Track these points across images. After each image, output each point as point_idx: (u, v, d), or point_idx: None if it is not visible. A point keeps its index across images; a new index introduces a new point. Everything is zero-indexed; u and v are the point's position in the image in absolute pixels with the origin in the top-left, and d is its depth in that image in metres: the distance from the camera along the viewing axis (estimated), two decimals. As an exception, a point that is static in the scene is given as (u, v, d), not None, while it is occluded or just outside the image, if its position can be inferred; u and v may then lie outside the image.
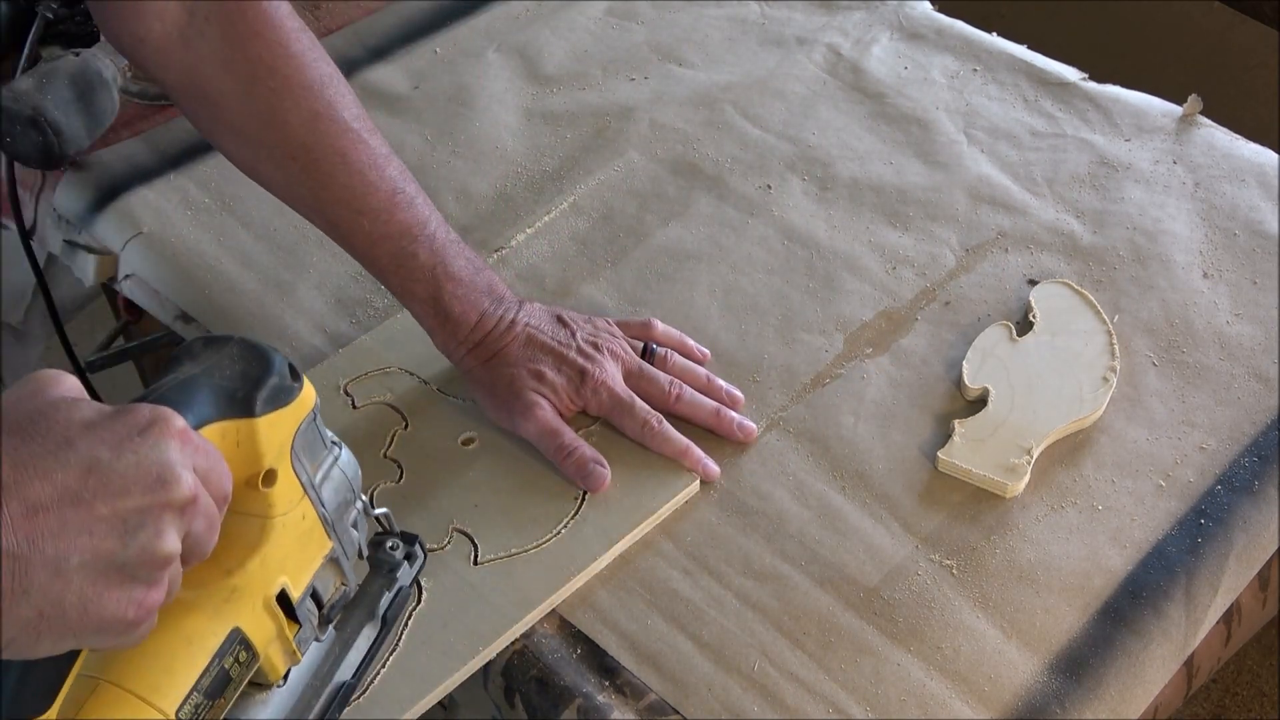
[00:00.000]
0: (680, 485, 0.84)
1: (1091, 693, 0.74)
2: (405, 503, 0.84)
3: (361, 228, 0.85)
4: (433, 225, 0.86)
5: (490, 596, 0.79)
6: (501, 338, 0.87)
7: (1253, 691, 1.62)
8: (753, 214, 1.04)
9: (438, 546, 0.81)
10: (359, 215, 0.84)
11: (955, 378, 0.91)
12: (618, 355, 0.88)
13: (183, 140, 1.13)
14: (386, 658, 0.76)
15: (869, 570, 0.80)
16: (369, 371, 0.92)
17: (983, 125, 1.11)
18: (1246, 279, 0.97)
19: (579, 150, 1.11)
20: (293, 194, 0.86)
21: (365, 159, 0.84)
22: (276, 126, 0.82)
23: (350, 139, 0.83)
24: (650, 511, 0.83)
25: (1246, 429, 0.87)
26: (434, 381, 0.91)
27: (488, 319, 0.87)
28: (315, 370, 0.92)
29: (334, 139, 0.83)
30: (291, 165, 0.84)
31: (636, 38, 1.23)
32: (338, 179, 0.83)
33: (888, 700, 0.74)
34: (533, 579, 0.80)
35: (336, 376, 0.92)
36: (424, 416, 0.89)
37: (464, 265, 0.87)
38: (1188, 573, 0.80)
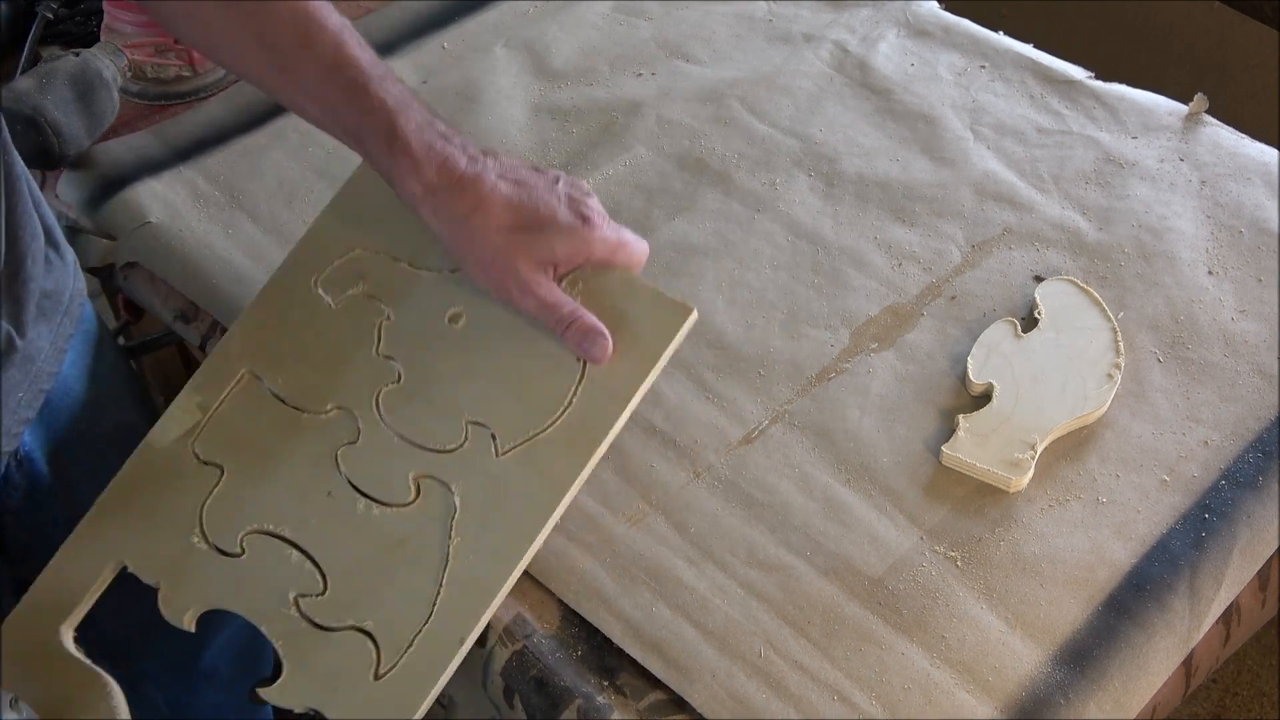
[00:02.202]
0: (678, 321, 0.81)
1: (1095, 684, 0.75)
2: (412, 404, 0.82)
3: (307, 66, 0.79)
4: (383, 66, 0.80)
5: (522, 487, 0.78)
6: (475, 181, 0.79)
7: (1253, 691, 1.62)
8: (759, 209, 1.05)
9: (456, 445, 0.80)
10: (305, 50, 0.79)
11: (960, 373, 0.91)
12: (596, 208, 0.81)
13: (192, 133, 1.13)
14: (441, 578, 0.76)
15: (873, 561, 0.80)
16: (336, 262, 0.87)
17: (989, 122, 1.12)
18: (1251, 276, 0.97)
19: (586, 145, 1.11)
20: (236, 38, 0.81)
21: (313, 7, 0.79)
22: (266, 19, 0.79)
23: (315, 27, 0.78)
24: (655, 357, 0.80)
25: (1251, 425, 0.87)
26: (404, 257, 0.86)
27: (456, 154, 0.79)
28: (279, 273, 0.88)
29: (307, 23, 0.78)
30: (238, 19, 0.79)
31: (644, 34, 1.24)
32: (283, 23, 0.79)
33: (892, 689, 0.74)
34: (557, 459, 0.78)
35: (308, 275, 0.87)
36: (405, 301, 0.85)
37: (423, 112, 0.80)
38: (1191, 566, 0.80)
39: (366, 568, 0.77)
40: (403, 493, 0.79)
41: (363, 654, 0.75)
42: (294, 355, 0.85)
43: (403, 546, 0.78)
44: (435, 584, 0.76)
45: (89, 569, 0.80)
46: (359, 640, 0.75)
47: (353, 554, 0.78)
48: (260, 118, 1.15)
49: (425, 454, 0.80)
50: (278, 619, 0.76)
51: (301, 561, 0.78)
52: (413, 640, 0.74)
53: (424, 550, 0.77)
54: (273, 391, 0.84)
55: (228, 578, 0.78)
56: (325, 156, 1.11)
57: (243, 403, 0.84)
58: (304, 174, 1.10)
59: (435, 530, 0.78)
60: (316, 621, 0.76)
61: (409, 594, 0.76)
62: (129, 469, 0.83)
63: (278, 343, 0.86)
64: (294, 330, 0.86)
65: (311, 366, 0.84)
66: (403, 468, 0.80)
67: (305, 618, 0.76)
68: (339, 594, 0.77)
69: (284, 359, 0.85)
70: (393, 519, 0.79)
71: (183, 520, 0.80)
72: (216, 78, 1.20)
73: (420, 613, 0.75)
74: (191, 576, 0.79)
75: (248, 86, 1.19)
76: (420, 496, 0.79)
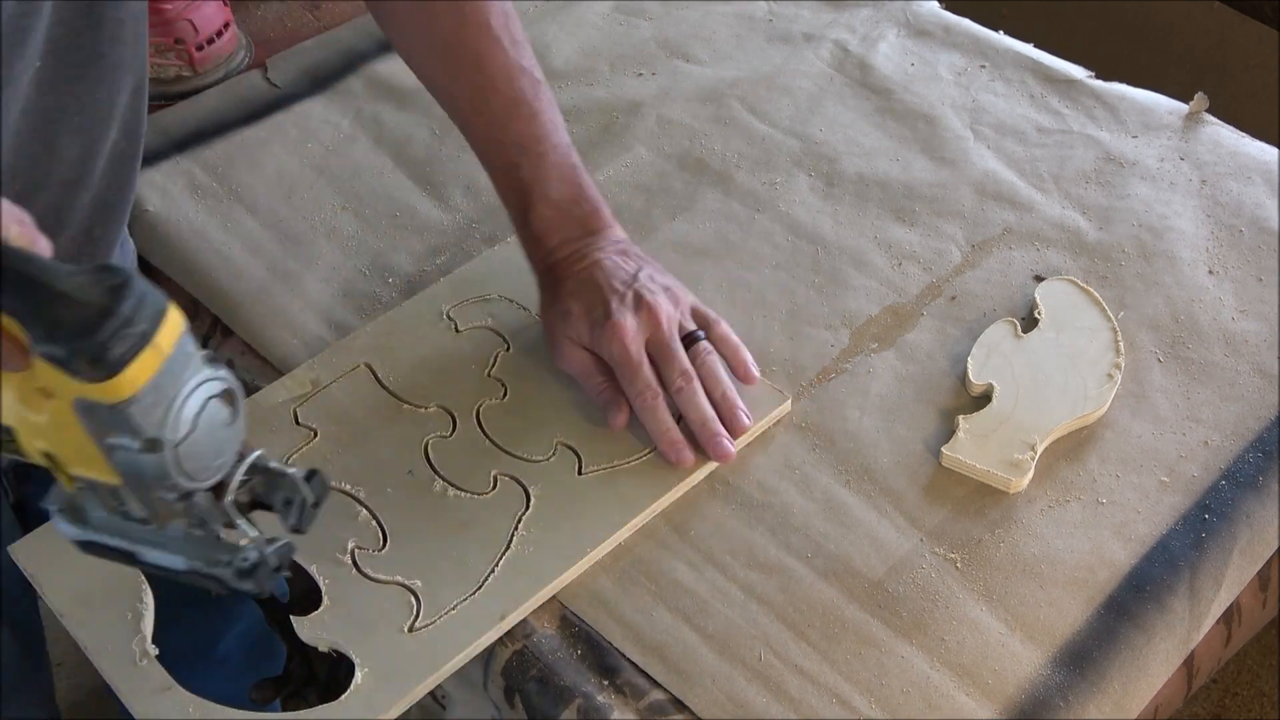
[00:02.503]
0: (772, 404, 0.88)
1: (1095, 686, 0.74)
2: (510, 418, 0.88)
3: (479, 129, 0.90)
4: (546, 146, 0.88)
5: (595, 502, 0.83)
6: (569, 266, 0.88)
7: (1253, 691, 1.62)
8: (759, 209, 1.05)
9: (543, 458, 0.85)
10: (479, 115, 0.89)
11: (960, 373, 0.91)
12: (655, 317, 0.85)
13: (189, 124, 1.13)
14: (498, 559, 0.80)
15: (873, 563, 0.80)
16: (470, 298, 0.95)
17: (989, 121, 1.12)
18: (1251, 275, 0.97)
19: (586, 145, 1.11)
20: (434, 84, 0.92)
21: (498, 65, 0.88)
22: (426, 16, 0.88)
23: (488, 42, 0.87)
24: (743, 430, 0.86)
25: (1251, 424, 0.87)
26: (534, 309, 0.93)
27: (565, 247, 0.88)
28: (420, 296, 0.96)
29: (473, 39, 0.87)
30: (432, 54, 0.90)
31: (644, 34, 1.23)
32: (469, 76, 0.88)
33: (891, 692, 0.74)
34: (635, 488, 0.84)
35: (439, 303, 0.96)
36: (524, 339, 0.93)
37: (566, 193, 0.89)
38: (1191, 567, 0.80)
39: (428, 537, 0.81)
40: (482, 484, 0.84)
41: (402, 607, 0.77)
42: (411, 362, 0.92)
43: (468, 528, 0.81)
44: (490, 564, 0.79)
45: None
46: (402, 594, 0.78)
47: (418, 523, 0.82)
48: (259, 111, 1.15)
49: (511, 458, 0.86)
50: (329, 562, 0.79)
51: (368, 520, 0.82)
52: (455, 605, 0.77)
53: (488, 534, 0.81)
54: (382, 382, 0.90)
55: None
56: (324, 153, 1.11)
57: (353, 386, 0.90)
58: (303, 169, 1.10)
59: (504, 521, 0.82)
60: (366, 572, 0.79)
61: (463, 566, 0.79)
62: None
63: (399, 348, 0.93)
64: (418, 343, 0.93)
65: (424, 373, 0.91)
66: (487, 465, 0.85)
67: (356, 566, 0.79)
68: (395, 553, 0.80)
69: (401, 362, 0.92)
70: (466, 503, 0.83)
71: None
72: (216, 78, 1.20)
73: (469, 584, 0.78)
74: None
75: (246, 79, 1.19)
76: (497, 489, 0.84)
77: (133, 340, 0.57)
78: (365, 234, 1.04)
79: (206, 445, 0.64)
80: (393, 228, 1.05)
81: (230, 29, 1.21)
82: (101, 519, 0.69)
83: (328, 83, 1.19)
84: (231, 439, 0.65)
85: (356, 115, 1.15)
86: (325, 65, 1.20)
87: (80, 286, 0.57)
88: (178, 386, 0.61)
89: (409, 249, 1.03)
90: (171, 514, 0.67)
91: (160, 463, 0.61)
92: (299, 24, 1.29)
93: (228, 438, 0.65)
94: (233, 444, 0.66)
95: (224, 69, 1.20)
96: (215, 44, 1.19)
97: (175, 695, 0.74)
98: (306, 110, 1.16)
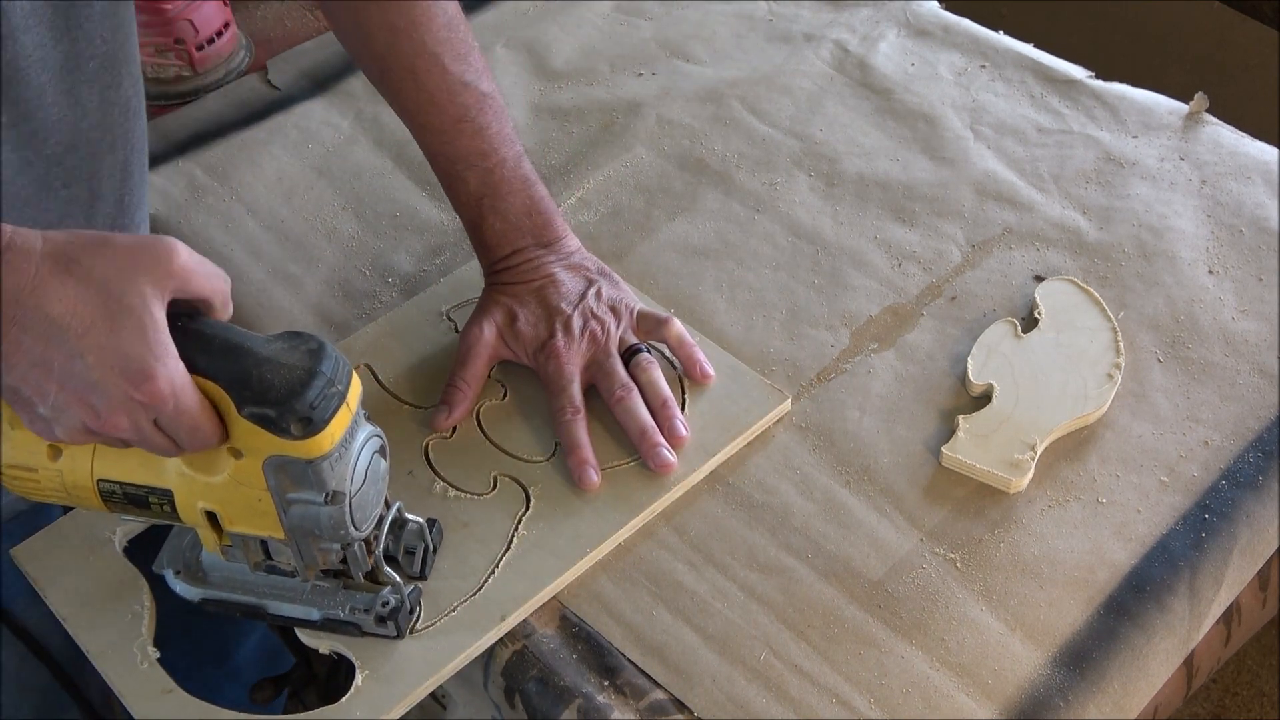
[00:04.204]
0: (771, 404, 0.88)
1: (1094, 686, 0.74)
2: (510, 419, 0.88)
3: (424, 142, 0.91)
4: (493, 160, 0.89)
5: (595, 503, 0.83)
6: (523, 275, 0.89)
7: (1253, 691, 1.62)
8: (759, 209, 1.05)
9: (543, 458, 0.86)
10: (423, 130, 0.90)
11: (960, 373, 0.91)
12: (595, 340, 0.88)
13: (190, 126, 1.13)
14: (499, 559, 0.80)
15: (873, 563, 0.80)
16: (469, 299, 0.95)
17: (989, 121, 1.12)
18: (1251, 275, 0.97)
19: (586, 145, 1.11)
20: (381, 93, 0.92)
21: (436, 82, 0.88)
22: (361, 32, 0.89)
23: (425, 60, 0.87)
24: (744, 428, 0.87)
25: (1251, 424, 0.87)
26: None
27: (517, 256, 0.90)
28: (419, 297, 0.97)
29: (408, 57, 0.87)
30: (371, 69, 0.91)
31: (644, 34, 1.23)
32: (407, 93, 0.88)
33: (891, 693, 0.74)
34: (635, 488, 0.84)
35: (439, 303, 0.96)
36: None
37: (516, 205, 0.89)
38: (1191, 567, 0.80)
39: None
40: (482, 484, 0.84)
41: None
42: (411, 362, 0.92)
43: (468, 528, 0.81)
44: (491, 564, 0.79)
45: None
46: None
47: None
48: (259, 113, 1.15)
49: (511, 459, 0.86)
50: None
51: None
52: (456, 606, 0.77)
53: (488, 535, 0.81)
54: (381, 382, 0.90)
55: None
56: (325, 154, 1.11)
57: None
58: (303, 171, 1.10)
59: (503, 521, 0.82)
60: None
61: (463, 568, 0.79)
62: None
63: (399, 349, 0.93)
64: (417, 344, 0.93)
65: (424, 372, 0.91)
66: (488, 465, 0.85)
67: None
68: None
69: (400, 362, 0.92)
70: (466, 504, 0.83)
71: None
72: (216, 78, 1.20)
73: (469, 584, 0.78)
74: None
75: (246, 82, 1.19)
76: (497, 489, 0.84)
77: (335, 400, 0.62)
78: (365, 234, 1.04)
79: (371, 497, 0.69)
80: (393, 228, 1.05)
81: (230, 29, 1.21)
82: (221, 577, 0.73)
83: (328, 84, 1.19)
84: (384, 490, 0.70)
85: (357, 116, 1.15)
86: (325, 67, 1.20)
87: (281, 351, 0.62)
88: (354, 442, 0.65)
89: (409, 249, 1.03)
90: (326, 565, 0.71)
91: (339, 515, 0.66)
92: (299, 24, 1.29)
93: (381, 490, 0.70)
94: (383, 494, 0.71)
95: (224, 69, 1.21)
96: (215, 44, 1.19)
97: (177, 698, 0.74)
98: (307, 112, 1.16)
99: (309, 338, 0.63)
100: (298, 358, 0.62)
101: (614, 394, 0.86)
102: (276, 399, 0.61)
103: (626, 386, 0.86)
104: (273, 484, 0.65)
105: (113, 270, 0.59)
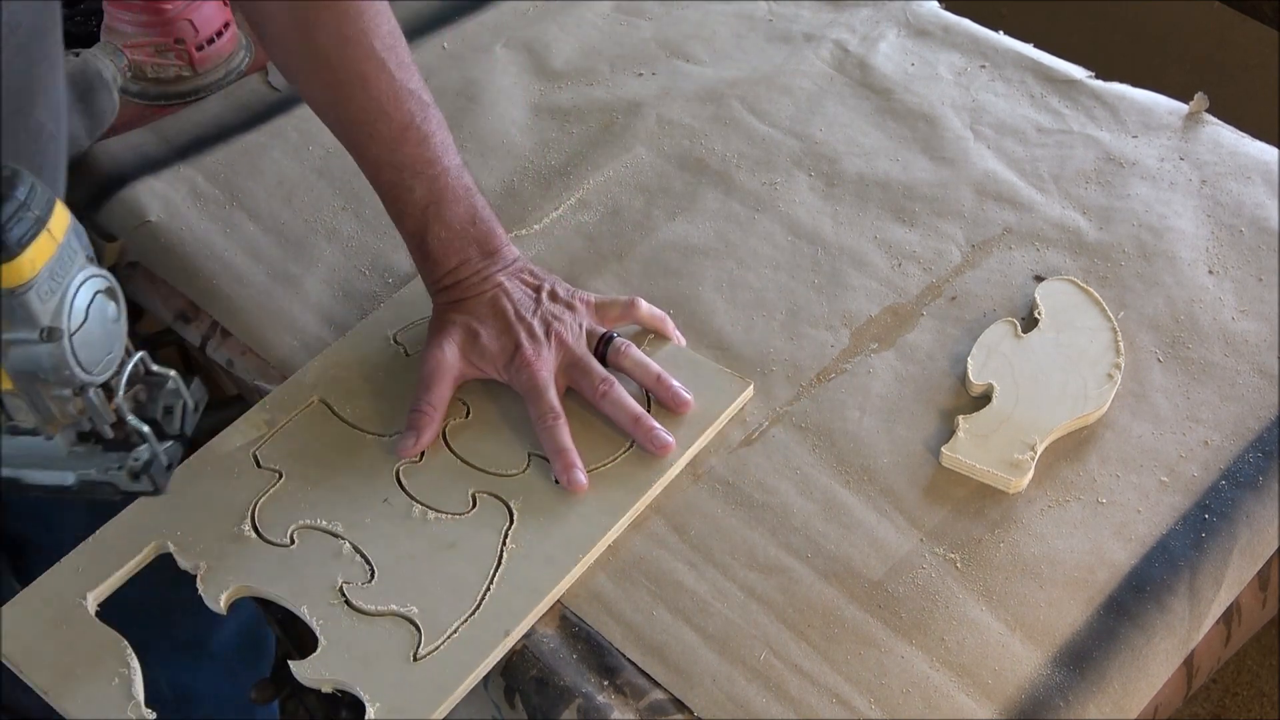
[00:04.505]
0: (735, 392, 0.89)
1: (1094, 686, 0.74)
2: (478, 436, 0.87)
3: (370, 152, 0.89)
4: (439, 168, 0.88)
5: (579, 507, 0.82)
6: (472, 288, 0.89)
7: (1253, 691, 1.62)
8: (759, 209, 1.05)
9: (518, 471, 0.85)
10: (370, 139, 0.88)
11: (960, 374, 0.91)
12: (563, 342, 0.88)
13: (191, 131, 1.13)
14: (492, 575, 0.79)
15: (873, 563, 0.80)
16: (415, 321, 0.94)
17: (989, 121, 1.12)
18: (1251, 275, 0.97)
19: (586, 145, 1.11)
20: (319, 105, 0.91)
21: (384, 88, 0.87)
22: (309, 39, 0.87)
23: (374, 65, 0.87)
24: (711, 419, 0.87)
25: (1251, 424, 0.87)
26: None
27: (464, 268, 0.89)
28: (363, 324, 0.95)
29: (358, 62, 0.87)
30: (317, 78, 0.89)
31: (644, 34, 1.23)
32: (355, 100, 0.87)
33: (891, 693, 0.74)
34: (616, 489, 0.83)
35: (384, 328, 0.94)
36: None
37: (460, 214, 0.89)
38: (1191, 567, 0.80)
39: (416, 563, 0.80)
40: (460, 504, 0.83)
41: (403, 637, 0.76)
42: (366, 390, 0.90)
43: (455, 549, 0.81)
44: (485, 580, 0.79)
45: (128, 547, 0.81)
46: (400, 624, 0.77)
47: (403, 550, 0.81)
48: (260, 115, 1.15)
49: (486, 476, 0.85)
50: (319, 602, 0.78)
51: (352, 554, 0.81)
52: (457, 628, 0.76)
53: (476, 552, 0.80)
54: (340, 416, 0.89)
55: (273, 563, 0.80)
56: (325, 155, 1.11)
57: (309, 422, 0.89)
58: (304, 173, 1.10)
59: (489, 537, 0.81)
60: (358, 606, 0.78)
61: (456, 587, 0.78)
62: (185, 465, 0.85)
63: (351, 379, 0.91)
64: (369, 371, 0.92)
65: (382, 400, 0.90)
66: (463, 485, 0.84)
67: (347, 601, 0.78)
68: (385, 583, 0.79)
69: (355, 393, 0.90)
70: (448, 524, 0.82)
71: (233, 512, 0.83)
72: (216, 78, 1.19)
73: (466, 604, 0.78)
74: (235, 560, 0.80)
75: (247, 84, 1.19)
76: (477, 508, 0.83)
77: (29, 224, 0.60)
78: (365, 234, 1.04)
79: (98, 338, 0.65)
80: (392, 228, 1.04)
81: (231, 29, 1.21)
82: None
83: (328, 84, 1.18)
84: (118, 336, 0.67)
85: (357, 116, 1.15)
86: (325, 66, 1.20)
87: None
88: (69, 277, 0.63)
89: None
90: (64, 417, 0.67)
91: (58, 353, 0.63)
92: (299, 25, 1.28)
93: (115, 334, 0.67)
94: (119, 341, 0.67)
95: (224, 69, 1.20)
96: (215, 44, 1.19)
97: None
98: (307, 113, 1.15)
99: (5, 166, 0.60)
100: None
101: (597, 390, 0.86)
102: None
103: (608, 380, 0.86)
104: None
105: None
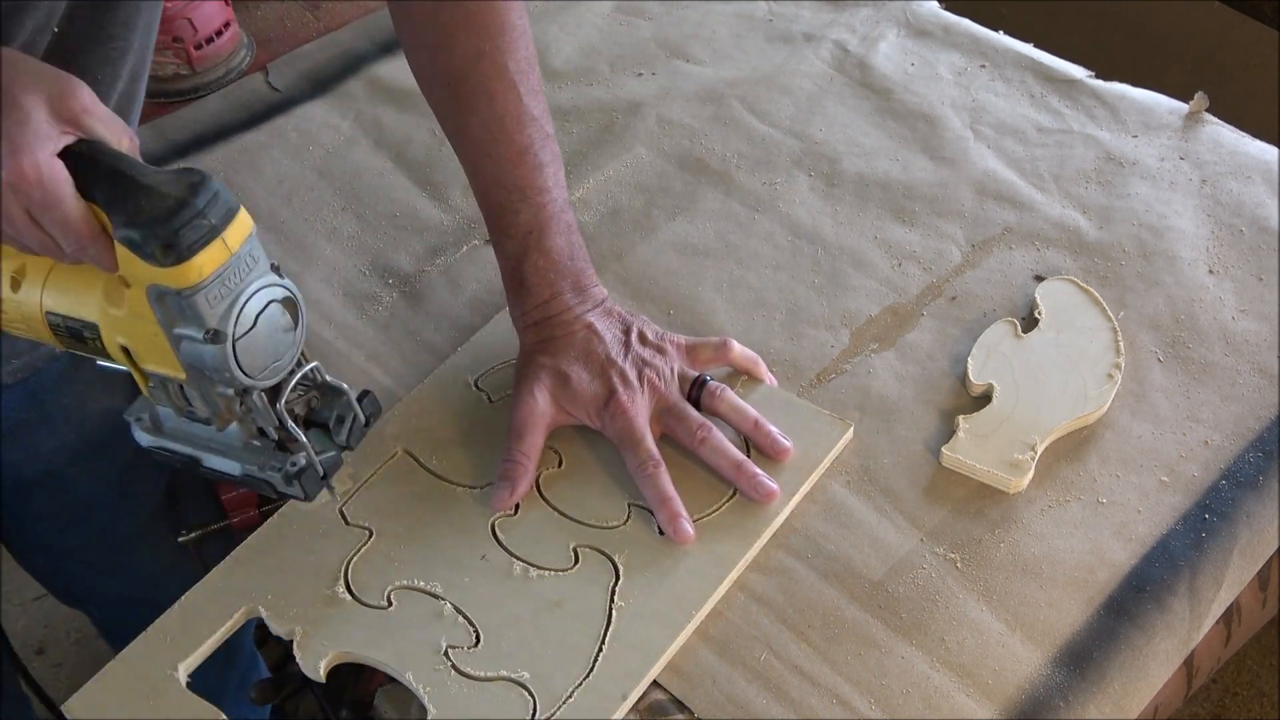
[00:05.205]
0: (836, 435, 0.86)
1: (1095, 686, 0.74)
2: (573, 486, 0.84)
3: (484, 170, 0.88)
4: (547, 198, 0.87)
5: (686, 561, 0.79)
6: (563, 327, 0.86)
7: (1253, 691, 1.62)
8: (759, 209, 1.05)
9: (619, 523, 0.82)
10: (485, 157, 0.88)
11: (960, 374, 0.91)
12: (655, 388, 0.85)
13: (190, 128, 1.13)
14: (603, 636, 0.76)
15: (874, 564, 0.80)
16: (496, 365, 0.91)
17: (989, 121, 1.12)
18: (1252, 275, 0.97)
19: (586, 145, 1.11)
20: (442, 115, 0.91)
21: (510, 109, 0.87)
22: (445, 50, 0.87)
23: (503, 86, 0.87)
24: (814, 465, 0.84)
25: (1251, 424, 0.87)
26: None
27: (558, 302, 0.87)
28: (440, 370, 0.92)
29: (489, 80, 0.87)
30: (446, 90, 0.89)
31: (644, 34, 1.23)
32: (479, 116, 0.87)
33: (892, 693, 0.74)
34: (722, 540, 0.80)
35: (463, 374, 0.91)
36: None
37: (560, 246, 0.87)
38: (1191, 567, 0.80)
39: (523, 624, 0.77)
40: (562, 559, 0.80)
41: (515, 702, 0.73)
42: (451, 440, 0.87)
43: (561, 607, 0.77)
44: (596, 642, 0.75)
45: (218, 614, 0.78)
46: (511, 689, 0.74)
47: (508, 611, 0.77)
48: (260, 115, 1.16)
49: (586, 529, 0.82)
50: (424, 668, 0.75)
51: (454, 615, 0.77)
52: (572, 692, 0.73)
53: (584, 611, 0.77)
54: (428, 468, 0.85)
55: (373, 627, 0.77)
56: (325, 155, 1.11)
57: (396, 476, 0.85)
58: (304, 172, 1.10)
59: (597, 594, 0.78)
60: (468, 672, 0.75)
61: (567, 649, 0.75)
62: (270, 524, 0.82)
63: (436, 429, 0.88)
64: (452, 419, 0.88)
65: (469, 450, 0.86)
66: (563, 538, 0.81)
67: (455, 667, 0.75)
68: (492, 647, 0.76)
69: (441, 443, 0.87)
70: (551, 582, 0.79)
71: (326, 573, 0.80)
72: (216, 76, 1.20)
73: (580, 667, 0.74)
74: (332, 625, 0.77)
75: (248, 83, 1.19)
76: (580, 563, 0.80)
77: (202, 231, 0.62)
78: (365, 235, 1.04)
79: (265, 345, 0.67)
80: (393, 228, 1.05)
81: (231, 28, 1.21)
82: (173, 428, 0.73)
83: (328, 86, 1.19)
84: (290, 345, 0.69)
85: (357, 117, 1.15)
86: (325, 68, 1.20)
87: (163, 181, 0.62)
88: (242, 285, 0.65)
89: (409, 249, 1.03)
90: (229, 413, 0.70)
91: (221, 355, 0.65)
92: (299, 24, 1.29)
93: (286, 343, 0.69)
94: (291, 350, 0.69)
95: (224, 68, 1.21)
96: (214, 43, 1.19)
97: None
98: (307, 113, 1.16)
99: (196, 172, 0.63)
100: (177, 188, 0.62)
101: (695, 435, 0.83)
102: (143, 222, 0.62)
103: (705, 426, 0.83)
104: (159, 316, 0.65)
105: (15, 76, 0.61)
